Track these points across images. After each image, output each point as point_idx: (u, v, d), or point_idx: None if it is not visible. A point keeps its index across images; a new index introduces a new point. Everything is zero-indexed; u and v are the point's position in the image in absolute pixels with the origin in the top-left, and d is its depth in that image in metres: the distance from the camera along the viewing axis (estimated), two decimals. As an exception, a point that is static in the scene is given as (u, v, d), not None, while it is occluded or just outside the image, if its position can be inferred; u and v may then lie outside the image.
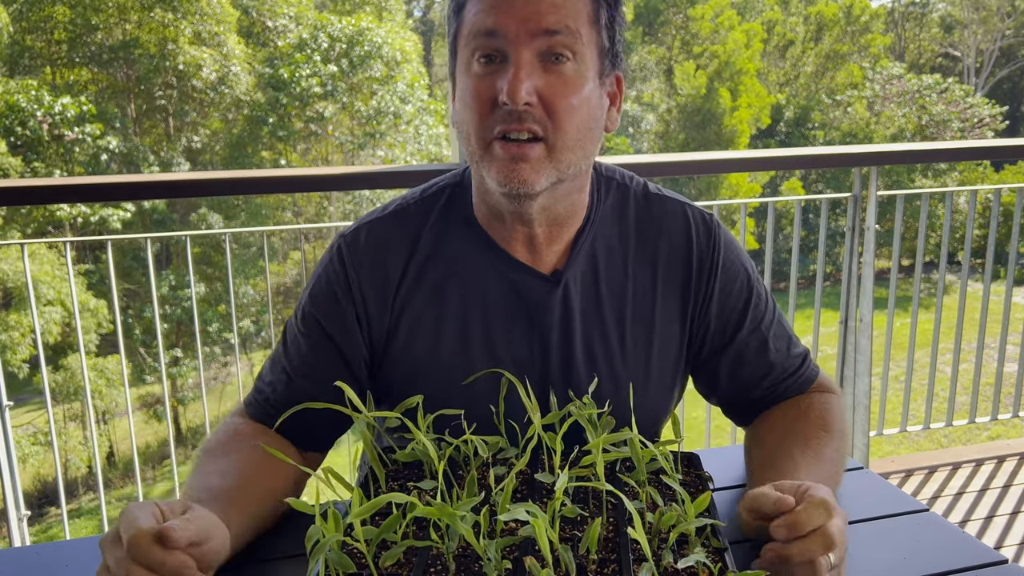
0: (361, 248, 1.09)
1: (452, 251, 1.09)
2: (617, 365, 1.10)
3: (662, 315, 1.11)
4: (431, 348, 1.08)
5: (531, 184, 0.97)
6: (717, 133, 21.51)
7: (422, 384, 1.08)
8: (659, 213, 1.13)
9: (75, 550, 0.99)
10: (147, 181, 2.58)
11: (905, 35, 30.14)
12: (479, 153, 0.99)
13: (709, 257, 1.12)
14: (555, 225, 1.07)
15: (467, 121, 0.99)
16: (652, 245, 1.12)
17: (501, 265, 1.08)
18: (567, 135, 0.97)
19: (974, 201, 3.18)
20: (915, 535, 0.97)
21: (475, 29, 0.97)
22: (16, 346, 12.66)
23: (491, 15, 0.96)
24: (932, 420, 3.25)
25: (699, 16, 22.96)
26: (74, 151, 15.11)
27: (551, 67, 0.96)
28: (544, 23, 0.95)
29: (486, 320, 1.08)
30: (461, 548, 0.82)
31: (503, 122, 0.96)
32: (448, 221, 1.11)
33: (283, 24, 18.27)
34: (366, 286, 1.08)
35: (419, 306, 1.09)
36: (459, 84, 1.02)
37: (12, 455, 2.39)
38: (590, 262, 1.10)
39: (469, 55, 0.99)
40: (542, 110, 0.96)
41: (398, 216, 1.11)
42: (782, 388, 1.16)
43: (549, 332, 1.08)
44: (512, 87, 0.93)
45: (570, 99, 0.96)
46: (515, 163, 0.96)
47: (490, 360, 1.08)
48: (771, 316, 1.16)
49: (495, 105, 0.96)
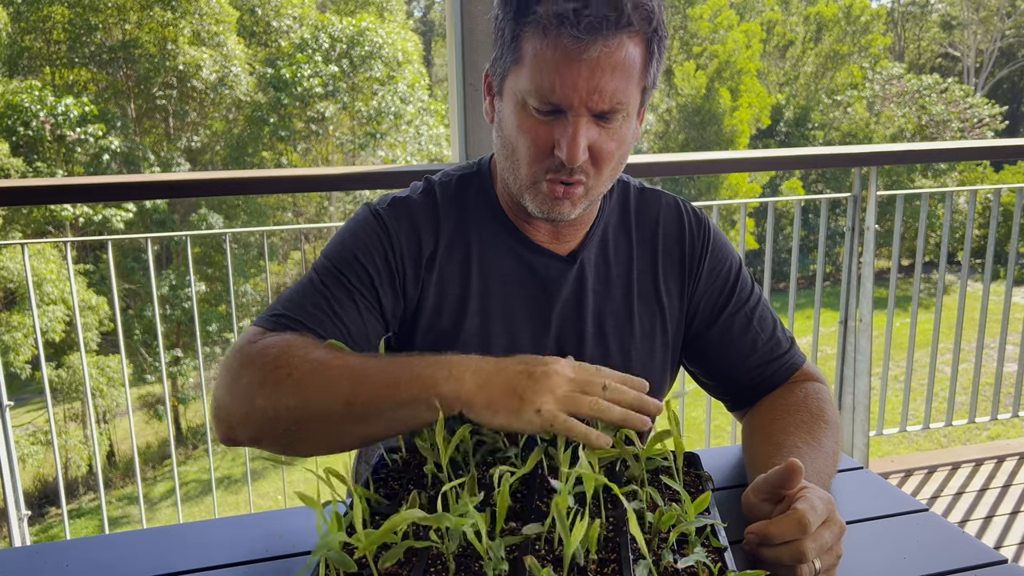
0: (399, 217, 1.14)
1: (475, 232, 1.16)
2: (626, 337, 1.19)
3: (664, 292, 1.21)
4: (454, 322, 1.14)
5: (568, 215, 1.08)
6: (717, 133, 21.50)
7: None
8: (656, 204, 1.24)
9: (75, 550, 0.99)
10: (147, 181, 2.58)
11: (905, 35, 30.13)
12: (526, 184, 1.07)
13: (700, 241, 1.23)
14: (577, 222, 1.17)
15: (520, 155, 1.05)
16: (652, 230, 1.23)
17: (520, 247, 1.16)
18: (605, 176, 1.07)
19: (974, 201, 3.18)
20: (915, 535, 0.98)
21: (537, 90, 0.99)
22: (19, 347, 12.66)
23: (554, 87, 0.98)
24: (932, 420, 3.25)
25: (698, 16, 22.95)
26: (75, 151, 15.11)
27: (603, 124, 1.02)
28: (603, 105, 0.99)
29: (506, 297, 1.15)
30: (461, 548, 0.82)
31: (556, 171, 1.04)
32: (471, 205, 1.18)
33: (287, 24, 18.27)
34: (405, 251, 1.12)
35: (446, 282, 1.14)
36: (510, 111, 1.05)
37: (12, 455, 2.39)
38: (601, 246, 1.20)
39: (526, 99, 1.01)
40: (589, 162, 1.04)
41: (427, 196, 1.17)
42: (769, 371, 1.21)
43: (564, 307, 1.17)
44: (571, 151, 1.00)
45: (615, 149, 1.05)
46: (558, 200, 1.06)
47: (508, 336, 1.15)
48: (756, 301, 1.24)
49: (550, 152, 1.03)
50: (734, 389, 1.25)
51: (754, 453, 1.10)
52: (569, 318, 1.17)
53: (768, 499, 0.89)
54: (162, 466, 14.48)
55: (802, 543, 0.81)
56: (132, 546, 1.00)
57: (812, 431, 1.08)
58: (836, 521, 0.84)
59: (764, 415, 1.16)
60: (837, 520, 0.85)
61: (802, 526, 0.81)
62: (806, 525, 0.81)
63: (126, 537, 1.02)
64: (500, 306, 1.15)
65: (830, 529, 0.83)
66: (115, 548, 1.00)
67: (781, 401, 1.17)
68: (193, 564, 0.93)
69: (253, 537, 0.99)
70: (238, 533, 1.01)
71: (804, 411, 1.12)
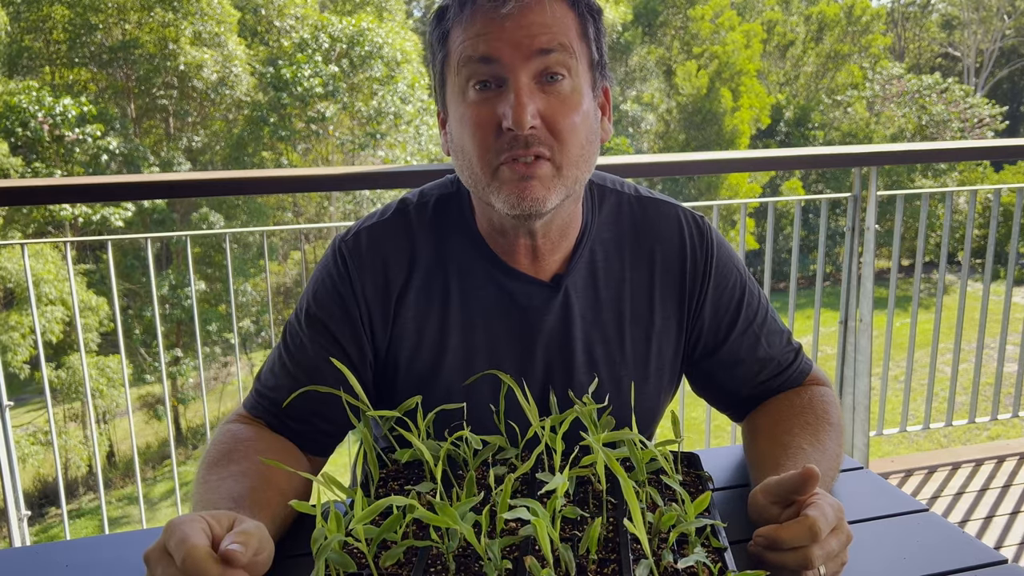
0: (362, 252, 1.09)
1: (452, 261, 1.10)
2: (617, 366, 1.12)
3: (660, 314, 1.14)
4: (434, 356, 1.09)
5: (542, 202, 0.98)
6: (717, 133, 21.50)
7: (426, 390, 1.08)
8: (653, 216, 1.15)
9: (75, 550, 0.99)
10: (147, 181, 2.58)
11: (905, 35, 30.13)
12: (485, 179, 0.99)
13: (703, 258, 1.15)
14: (556, 235, 1.09)
15: (469, 149, 0.99)
16: (647, 247, 1.14)
17: (500, 275, 1.09)
18: (571, 152, 0.98)
19: (974, 201, 3.18)
20: (915, 535, 0.97)
21: (466, 56, 0.97)
22: (16, 347, 12.65)
23: (482, 42, 0.96)
24: (932, 420, 3.25)
25: (699, 16, 22.94)
26: (74, 152, 15.10)
27: (548, 87, 0.97)
28: (537, 43, 0.95)
29: (488, 329, 1.09)
30: (461, 548, 0.82)
31: (509, 148, 0.96)
32: (447, 232, 1.11)
33: (289, 24, 18.27)
34: (369, 290, 1.08)
35: (420, 314, 1.09)
36: (454, 112, 1.02)
37: (12, 455, 2.39)
38: (589, 267, 1.12)
39: (463, 82, 0.99)
40: (545, 131, 0.97)
41: (398, 220, 1.11)
42: (776, 384, 1.19)
43: (550, 337, 1.09)
44: (517, 114, 0.94)
45: (571, 117, 0.98)
46: (525, 181, 0.97)
47: (492, 367, 1.08)
48: (764, 313, 1.18)
49: (498, 131, 0.96)
50: (740, 404, 1.22)
51: (759, 453, 1.08)
52: (556, 349, 1.10)
53: (777, 502, 0.88)
54: (162, 466, 14.48)
55: (809, 549, 0.81)
56: (132, 546, 0.99)
57: (817, 433, 1.07)
58: (844, 529, 0.84)
59: (769, 416, 1.15)
60: (845, 528, 0.84)
61: (813, 533, 0.80)
62: (817, 532, 0.80)
63: (126, 537, 1.02)
64: (483, 339, 1.09)
65: (837, 537, 0.83)
66: (115, 548, 1.00)
67: (786, 402, 1.15)
68: (193, 564, 0.93)
69: (253, 537, 0.99)
70: (238, 533, 1.01)
71: (809, 413, 1.11)
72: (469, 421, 1.02)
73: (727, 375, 1.18)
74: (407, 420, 0.98)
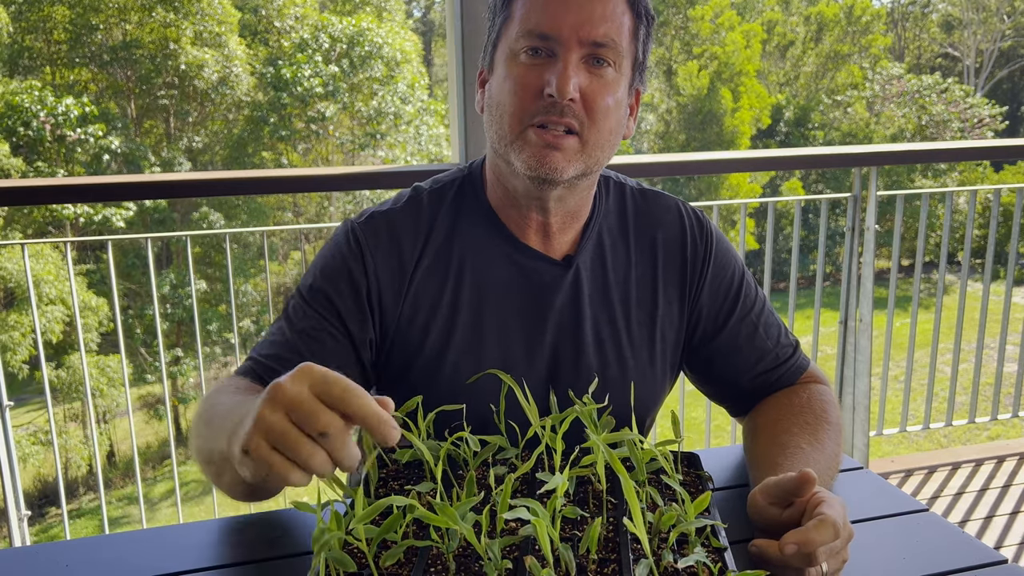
0: (376, 232, 1.11)
1: (465, 239, 1.13)
2: (624, 346, 1.16)
3: (663, 299, 1.18)
4: (445, 332, 1.11)
5: (560, 171, 1.03)
6: (718, 133, 21.50)
7: (436, 368, 1.10)
8: (655, 207, 1.21)
9: (75, 550, 0.99)
10: (147, 181, 2.58)
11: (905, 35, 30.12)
12: (511, 136, 1.04)
13: (703, 246, 1.20)
14: (567, 215, 1.13)
15: (506, 104, 1.04)
16: (651, 235, 1.19)
17: (513, 252, 1.13)
18: (600, 133, 1.04)
19: (974, 201, 3.18)
20: (915, 535, 0.98)
21: (528, 27, 1.02)
22: (16, 347, 12.65)
23: (545, 18, 1.01)
24: (932, 420, 3.25)
25: (699, 17, 22.95)
26: (76, 151, 15.11)
27: (593, 69, 1.03)
28: (594, 34, 1.01)
29: (499, 305, 1.12)
30: (461, 548, 0.82)
31: (544, 112, 1.01)
32: (461, 211, 1.14)
33: (289, 24, 18.27)
34: (381, 269, 1.10)
35: (433, 292, 1.11)
36: (500, 71, 1.06)
37: (12, 455, 2.39)
38: (598, 250, 1.16)
39: (517, 47, 1.04)
40: (581, 107, 1.02)
41: (412, 206, 1.14)
42: (774, 376, 1.20)
43: (560, 315, 1.13)
44: (561, 83, 0.99)
45: (607, 99, 1.03)
46: (548, 150, 1.02)
47: (502, 345, 1.11)
48: (761, 305, 1.22)
49: (538, 96, 1.01)
50: (739, 396, 1.23)
51: (757, 453, 1.09)
52: (566, 327, 1.13)
53: (776, 503, 0.89)
54: (162, 466, 14.48)
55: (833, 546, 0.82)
56: (132, 546, 1.00)
57: (815, 432, 1.08)
58: (847, 526, 0.85)
59: (768, 415, 1.15)
60: (847, 525, 0.85)
61: (835, 531, 0.82)
62: (838, 531, 0.82)
63: (126, 537, 1.02)
64: (493, 316, 1.11)
65: (840, 534, 0.84)
66: (115, 548, 1.00)
67: (785, 402, 1.16)
68: (193, 564, 0.93)
69: (253, 537, 0.99)
70: (238, 533, 1.01)
71: (808, 412, 1.12)
72: (476, 407, 1.04)
73: (725, 363, 1.21)
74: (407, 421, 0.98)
